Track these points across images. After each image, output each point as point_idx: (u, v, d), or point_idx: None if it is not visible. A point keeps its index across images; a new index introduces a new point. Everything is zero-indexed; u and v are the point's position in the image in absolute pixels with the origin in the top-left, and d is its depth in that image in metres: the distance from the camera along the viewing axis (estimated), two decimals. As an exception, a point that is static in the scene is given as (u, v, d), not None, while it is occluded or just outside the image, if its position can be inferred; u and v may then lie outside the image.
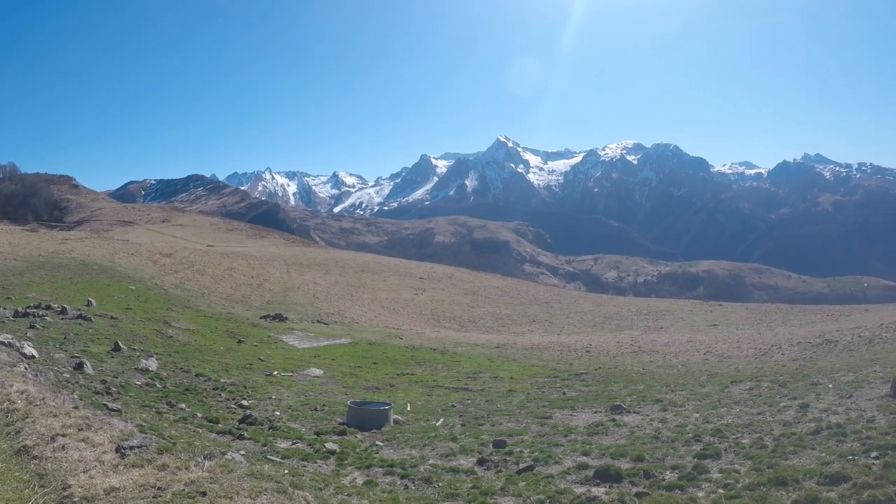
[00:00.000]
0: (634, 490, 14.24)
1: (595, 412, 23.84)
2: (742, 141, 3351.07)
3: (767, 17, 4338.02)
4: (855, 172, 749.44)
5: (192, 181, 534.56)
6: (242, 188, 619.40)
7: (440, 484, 14.93)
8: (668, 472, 15.42)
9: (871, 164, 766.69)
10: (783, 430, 18.40)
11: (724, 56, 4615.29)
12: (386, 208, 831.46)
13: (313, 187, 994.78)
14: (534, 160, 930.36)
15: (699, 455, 16.59)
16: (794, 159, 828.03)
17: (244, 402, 23.06)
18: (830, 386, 24.70)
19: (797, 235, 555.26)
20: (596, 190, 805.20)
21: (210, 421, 19.19)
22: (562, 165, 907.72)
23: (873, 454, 14.92)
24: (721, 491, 13.78)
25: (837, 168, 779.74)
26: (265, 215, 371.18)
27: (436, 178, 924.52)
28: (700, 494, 13.79)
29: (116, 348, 27.23)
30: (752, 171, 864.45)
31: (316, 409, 23.67)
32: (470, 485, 14.94)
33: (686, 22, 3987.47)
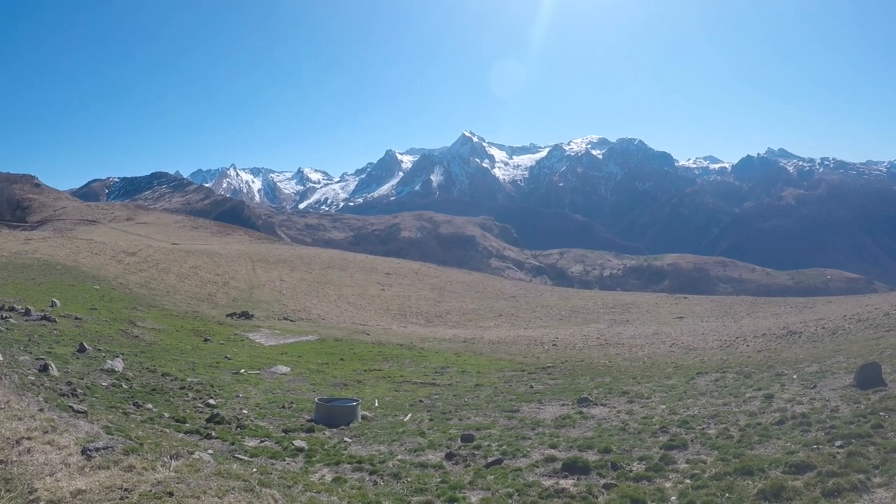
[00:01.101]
0: (602, 482, 14.40)
1: (562, 405, 24.00)
2: (706, 136, 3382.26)
3: (730, 13, 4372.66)
4: (818, 167, 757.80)
5: (156, 179, 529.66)
6: (207, 185, 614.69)
7: (409, 479, 14.98)
8: (635, 464, 15.59)
9: (833, 159, 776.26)
10: (749, 421, 18.65)
11: (689, 52, 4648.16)
12: (351, 204, 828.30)
13: (278, 184, 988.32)
14: (499, 155, 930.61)
15: (666, 446, 16.78)
16: (758, 154, 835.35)
17: (211, 401, 22.96)
18: (795, 377, 25.01)
19: (761, 229, 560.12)
20: (561, 184, 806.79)
21: (177, 421, 19.10)
22: (527, 160, 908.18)
23: (838, 443, 15.17)
24: (688, 481, 13.96)
25: (800, 163, 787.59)
26: (230, 212, 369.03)
27: (401, 174, 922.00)
28: (667, 485, 13.96)
29: (82, 349, 26.99)
30: (717, 166, 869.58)
31: (283, 407, 23.63)
32: (439, 479, 15.00)
33: (650, 18, 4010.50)
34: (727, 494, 12.78)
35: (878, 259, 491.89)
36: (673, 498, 13.08)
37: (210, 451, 14.73)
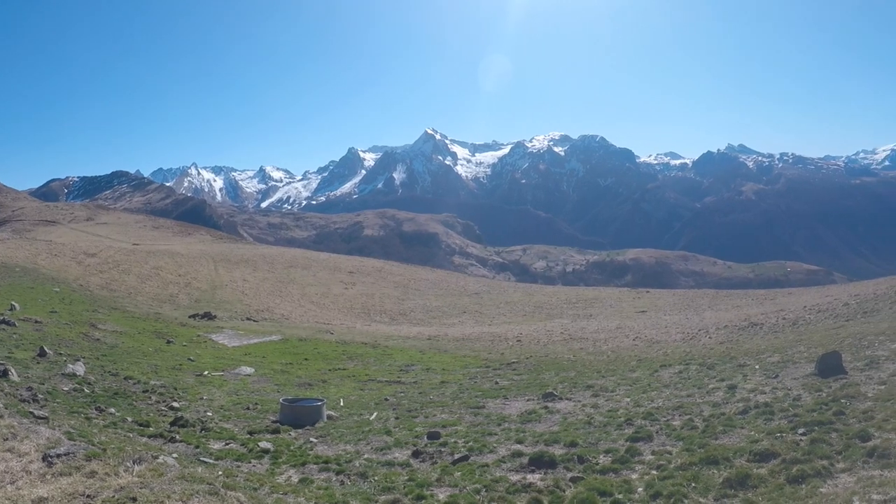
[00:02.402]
0: (569, 475, 14.48)
1: (527, 400, 24.09)
2: (668, 132, 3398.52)
3: (689, 9, 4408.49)
4: (777, 162, 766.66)
5: (117, 178, 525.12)
6: (168, 184, 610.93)
7: (376, 478, 14.97)
8: (601, 457, 15.71)
9: (792, 154, 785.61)
10: (713, 411, 18.85)
11: (650, 49, 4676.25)
12: (314, 202, 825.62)
13: (240, 182, 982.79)
14: (462, 152, 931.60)
15: (631, 438, 16.93)
16: (718, 150, 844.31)
17: (175, 404, 22.76)
18: (757, 367, 25.28)
19: (722, 223, 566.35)
20: (524, 181, 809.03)
21: (141, 425, 18.90)
22: (489, 157, 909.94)
23: (800, 431, 15.39)
24: (654, 472, 14.08)
25: (760, 158, 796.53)
26: (191, 212, 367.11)
27: (363, 172, 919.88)
28: (634, 476, 14.07)
29: (42, 353, 26.61)
30: (678, 162, 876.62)
31: (248, 408, 23.49)
32: (406, 477, 15.00)
33: (610, 16, 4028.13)
34: (693, 484, 12.91)
35: (836, 251, 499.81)
36: (640, 489, 13.17)
37: (174, 455, 14.57)
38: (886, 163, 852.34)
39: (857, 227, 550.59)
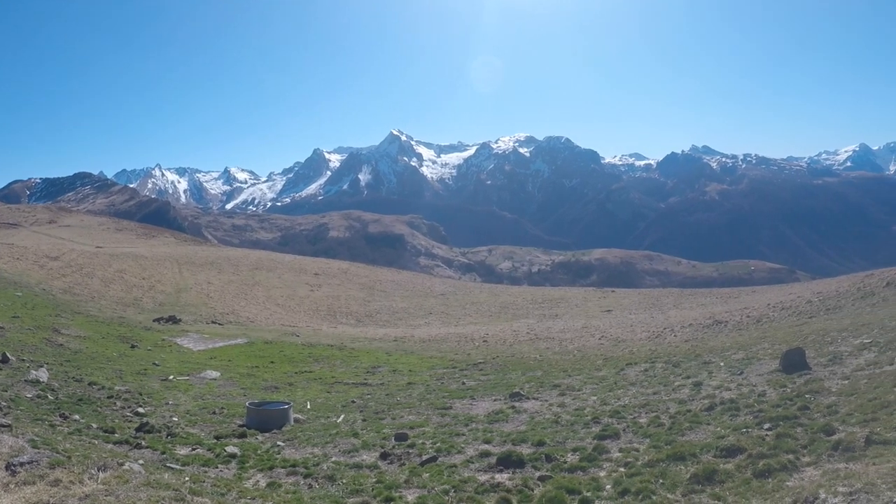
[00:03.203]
0: (537, 474, 14.54)
1: (495, 400, 24.16)
2: (632, 134, 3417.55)
3: (655, 11, 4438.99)
4: (740, 163, 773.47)
5: (80, 179, 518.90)
6: (131, 186, 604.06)
7: (344, 481, 14.93)
8: (569, 455, 15.80)
9: (755, 155, 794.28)
10: (679, 408, 19.02)
11: (616, 50, 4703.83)
12: (279, 204, 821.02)
13: (205, 184, 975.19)
14: (427, 153, 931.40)
15: (599, 436, 17.05)
16: (683, 151, 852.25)
17: (140, 410, 22.55)
18: (722, 364, 25.54)
19: (686, 223, 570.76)
20: (489, 182, 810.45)
21: (106, 431, 18.71)
22: (455, 158, 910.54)
23: (766, 426, 15.58)
24: (622, 469, 14.18)
25: (724, 159, 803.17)
26: (155, 214, 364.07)
27: (329, 173, 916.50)
28: (602, 474, 14.16)
29: (4, 360, 26.25)
30: (642, 163, 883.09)
31: (214, 413, 23.33)
32: (374, 479, 14.99)
33: (576, 17, 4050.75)
34: (661, 480, 13.02)
35: (799, 250, 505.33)
36: (608, 486, 13.25)
37: (140, 462, 14.44)
38: (848, 164, 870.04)
39: (820, 226, 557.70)
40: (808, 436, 14.31)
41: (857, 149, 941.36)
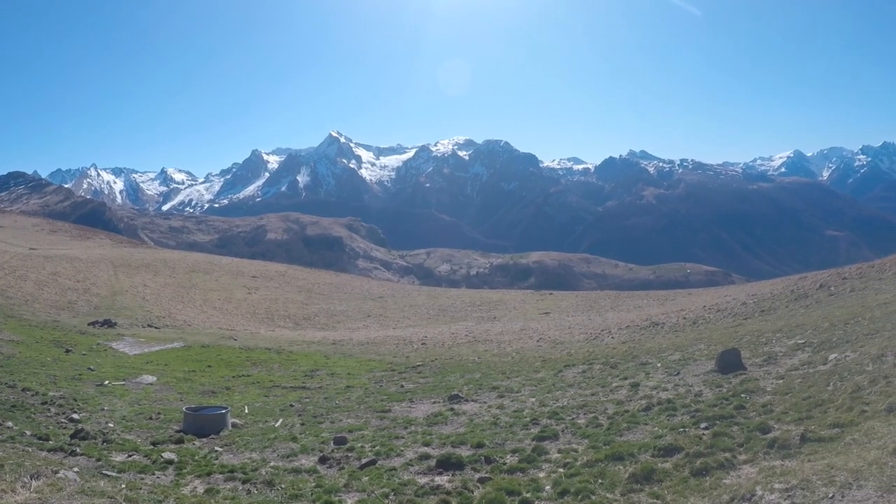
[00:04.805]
0: (477, 476, 14.60)
1: (434, 403, 24.19)
2: (571, 138, 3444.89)
3: (590, 15, 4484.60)
4: (677, 168, 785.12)
5: (13, 179, 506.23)
6: (66, 186, 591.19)
7: (283, 486, 14.82)
8: (508, 456, 15.89)
9: (692, 160, 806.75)
10: (617, 409, 19.26)
11: (554, 55, 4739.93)
12: (217, 205, 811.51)
13: (141, 184, 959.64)
14: (366, 155, 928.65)
15: (538, 437, 17.18)
16: (620, 155, 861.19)
17: (75, 416, 22.08)
18: (659, 365, 25.88)
19: (623, 227, 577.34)
20: (428, 185, 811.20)
21: (40, 438, 18.27)
22: (394, 161, 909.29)
23: (703, 425, 15.85)
24: (561, 470, 14.31)
25: (661, 164, 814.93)
26: (91, 215, 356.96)
27: (267, 174, 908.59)
28: (541, 475, 14.26)
29: (-70, 364, 25.62)
30: (580, 167, 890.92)
31: (151, 418, 22.97)
32: (313, 484, 14.91)
33: (517, 22, 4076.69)
34: (600, 480, 13.16)
35: (734, 253, 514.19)
36: (547, 487, 13.35)
37: (75, 469, 14.17)
38: (783, 169, 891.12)
39: (755, 230, 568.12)
40: (744, 434, 14.60)
41: (792, 155, 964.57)
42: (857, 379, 16.79)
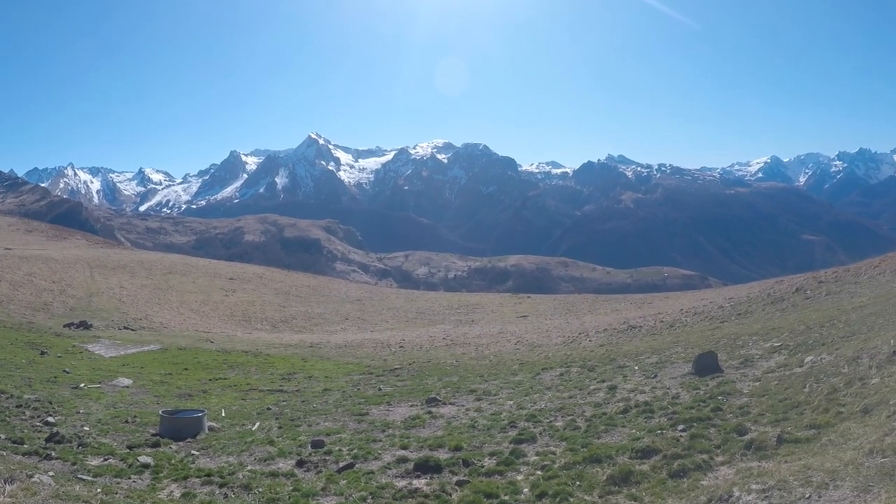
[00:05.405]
0: (455, 479, 14.60)
1: (411, 406, 24.17)
2: (550, 142, 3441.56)
3: (570, 19, 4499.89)
4: (655, 172, 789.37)
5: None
6: (43, 185, 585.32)
7: (260, 489, 14.74)
8: (486, 459, 15.90)
9: (669, 165, 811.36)
10: (594, 411, 19.31)
11: (534, 58, 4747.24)
12: (194, 206, 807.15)
13: (118, 184, 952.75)
14: (345, 158, 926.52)
15: (515, 440, 17.21)
16: (599, 160, 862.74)
17: (50, 419, 21.87)
18: (636, 368, 26.00)
19: (601, 230, 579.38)
20: (406, 188, 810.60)
21: (14, 442, 18.08)
22: (373, 163, 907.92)
23: (680, 427, 15.93)
24: (539, 472, 14.34)
25: (639, 168, 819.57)
26: (67, 215, 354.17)
27: (245, 176, 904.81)
28: (519, 478, 14.29)
29: None
30: (559, 171, 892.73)
31: (127, 422, 22.80)
32: (291, 488, 14.85)
33: (496, 25, 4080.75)
34: (578, 482, 13.20)
35: (711, 257, 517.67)
36: (525, 490, 13.37)
37: (50, 473, 14.06)
38: (760, 174, 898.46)
39: (732, 234, 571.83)
40: (721, 436, 14.71)
41: (769, 160, 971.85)
42: (833, 381, 16.92)
